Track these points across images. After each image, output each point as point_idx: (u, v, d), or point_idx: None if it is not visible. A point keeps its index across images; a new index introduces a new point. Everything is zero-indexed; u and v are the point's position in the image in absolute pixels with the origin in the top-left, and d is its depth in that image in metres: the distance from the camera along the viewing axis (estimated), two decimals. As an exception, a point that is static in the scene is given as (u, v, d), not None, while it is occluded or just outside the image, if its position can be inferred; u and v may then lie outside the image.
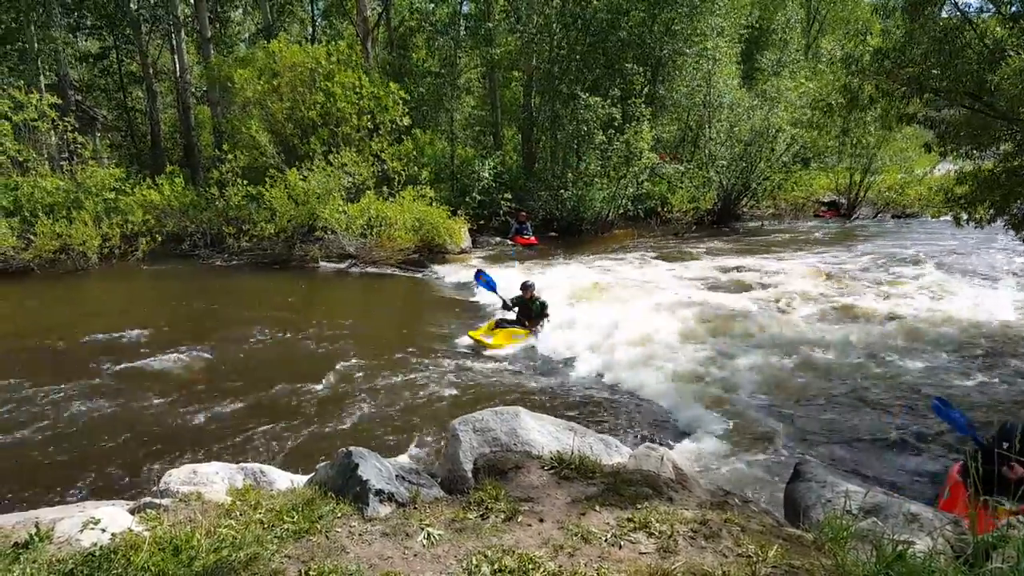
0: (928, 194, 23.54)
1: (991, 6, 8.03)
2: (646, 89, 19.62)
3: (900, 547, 2.55)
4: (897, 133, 20.66)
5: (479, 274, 10.87)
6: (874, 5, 34.03)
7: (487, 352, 9.24)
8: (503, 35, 23.03)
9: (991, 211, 8.76)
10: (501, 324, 9.84)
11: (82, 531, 2.84)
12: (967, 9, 8.30)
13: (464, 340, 9.61)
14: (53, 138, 16.40)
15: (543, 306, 9.96)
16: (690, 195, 21.44)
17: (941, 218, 19.50)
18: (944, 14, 8.16)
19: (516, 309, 10.03)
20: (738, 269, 14.66)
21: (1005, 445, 4.27)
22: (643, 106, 18.91)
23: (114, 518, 2.95)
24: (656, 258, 16.54)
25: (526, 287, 10.01)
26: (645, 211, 21.43)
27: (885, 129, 18.85)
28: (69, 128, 15.68)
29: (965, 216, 9.17)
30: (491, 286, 10.54)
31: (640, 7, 19.98)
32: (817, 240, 19.70)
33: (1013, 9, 7.64)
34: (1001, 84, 6.94)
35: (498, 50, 22.39)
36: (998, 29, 7.83)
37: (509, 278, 11.57)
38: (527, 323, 9.88)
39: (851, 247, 17.95)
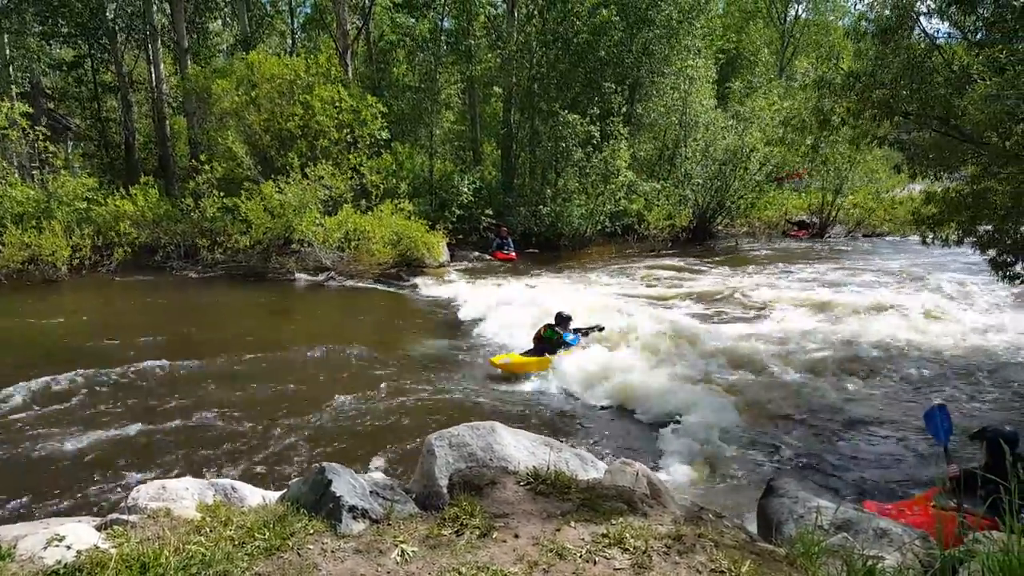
0: (895, 213, 24.04)
1: (958, 33, 8.25)
2: (624, 108, 19.85)
3: (870, 562, 2.58)
4: (868, 154, 21.10)
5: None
6: (846, 29, 34.84)
7: (463, 365, 9.24)
8: (483, 51, 23.17)
9: (958, 232, 8.96)
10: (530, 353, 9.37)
11: (46, 548, 2.77)
12: (935, 35, 8.52)
13: (442, 350, 9.65)
14: (24, 147, 16.13)
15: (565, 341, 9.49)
16: (666, 213, 21.66)
17: (910, 237, 19.90)
18: (913, 40, 8.36)
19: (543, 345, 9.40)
20: (715, 286, 14.81)
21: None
22: (621, 125, 19.14)
23: (80, 535, 2.88)
24: (633, 274, 16.65)
25: (561, 319, 9.60)
26: (622, 228, 21.59)
27: (855, 151, 19.26)
28: (40, 137, 15.44)
29: (931, 236, 9.36)
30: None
31: (619, 28, 20.24)
32: (790, 258, 19.95)
33: (979, 36, 7.86)
34: (968, 108, 7.14)
35: (478, 66, 22.51)
36: (964, 55, 8.06)
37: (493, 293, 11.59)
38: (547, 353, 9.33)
39: (823, 264, 18.20)
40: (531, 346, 9.46)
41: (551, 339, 9.35)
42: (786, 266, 18.10)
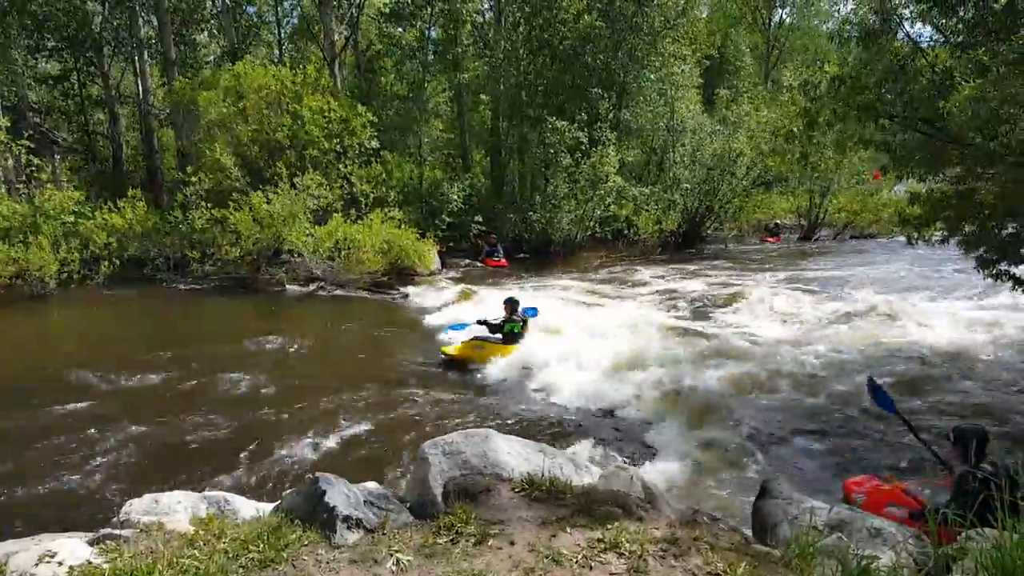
0: (881, 214, 24.18)
1: (940, 36, 8.33)
2: (611, 114, 19.94)
3: (864, 561, 2.59)
4: (854, 156, 21.25)
5: (451, 327, 10.72)
6: (830, 33, 35.04)
7: (457, 372, 9.24)
8: (471, 60, 23.24)
9: (944, 232, 9.02)
10: (478, 338, 9.77)
11: (38, 565, 2.75)
12: (918, 38, 8.60)
13: (435, 359, 9.73)
14: (9, 161, 16.04)
15: (524, 324, 9.85)
16: (655, 217, 21.75)
17: (897, 238, 20.03)
18: (896, 43, 8.44)
19: (500, 335, 9.69)
20: (704, 290, 14.86)
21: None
22: (608, 130, 19.22)
23: (72, 550, 2.86)
24: (624, 279, 16.69)
25: (508, 302, 9.90)
26: (612, 233, 21.66)
27: (840, 153, 19.39)
28: (24, 150, 15.35)
29: (917, 236, 9.42)
30: (464, 326, 10.34)
31: (604, 34, 20.36)
32: (779, 260, 20.06)
33: (961, 39, 7.93)
34: (952, 110, 7.21)
35: (466, 75, 22.58)
36: (947, 57, 8.13)
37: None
38: (505, 340, 9.63)
39: (812, 266, 18.32)
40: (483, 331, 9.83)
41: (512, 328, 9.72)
42: (775, 268, 18.20)
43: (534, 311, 10.52)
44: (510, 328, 9.68)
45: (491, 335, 9.69)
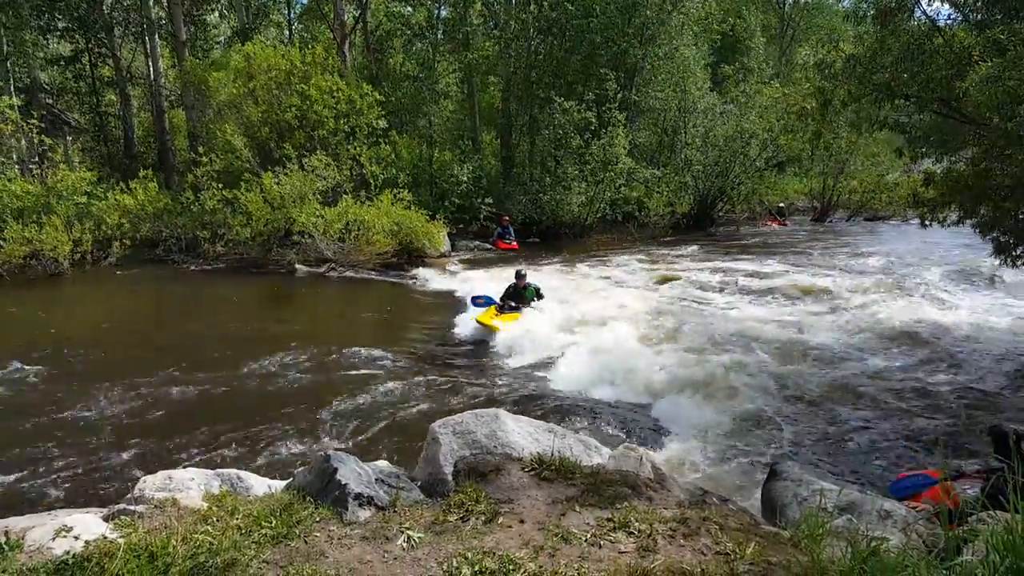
0: (895, 195, 23.91)
1: (958, 14, 8.19)
2: (620, 94, 19.74)
3: (874, 543, 2.59)
4: (868, 137, 20.99)
5: (475, 299, 11.14)
6: (846, 12, 34.44)
7: (466, 352, 9.29)
8: (480, 39, 23.05)
9: (959, 213, 8.92)
10: (503, 310, 10.56)
11: (54, 539, 2.79)
12: (936, 17, 8.46)
13: (444, 339, 9.92)
14: (22, 142, 16.10)
15: (536, 291, 10.97)
16: (666, 199, 21.59)
17: (911, 221, 19.84)
18: (913, 22, 8.30)
19: (512, 302, 10.70)
20: (714, 272, 14.79)
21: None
22: (618, 111, 19.04)
23: (87, 525, 2.91)
24: (635, 261, 16.63)
25: (519, 275, 10.95)
26: (623, 215, 21.55)
27: (855, 134, 19.14)
28: (35, 130, 15.40)
29: (931, 218, 9.32)
30: (490, 301, 10.85)
31: (612, 11, 20.11)
32: (790, 243, 19.90)
33: (979, 17, 7.79)
34: (969, 90, 7.08)
35: (475, 55, 22.42)
36: (965, 36, 7.99)
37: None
38: (520, 307, 10.68)
39: (824, 249, 18.17)
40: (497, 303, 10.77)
41: (525, 295, 10.86)
42: (786, 250, 18.08)
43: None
44: (530, 294, 10.88)
45: (512, 304, 10.70)
